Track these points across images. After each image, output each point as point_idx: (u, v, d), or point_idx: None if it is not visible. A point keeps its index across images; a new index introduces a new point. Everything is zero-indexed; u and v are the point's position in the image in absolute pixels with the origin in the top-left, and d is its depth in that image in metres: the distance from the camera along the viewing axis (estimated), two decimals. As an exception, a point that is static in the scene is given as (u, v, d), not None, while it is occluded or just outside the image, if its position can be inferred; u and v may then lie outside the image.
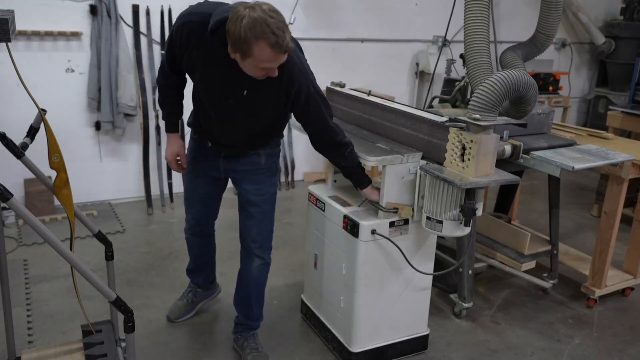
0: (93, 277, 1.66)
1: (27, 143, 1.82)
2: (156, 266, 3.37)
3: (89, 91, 3.99)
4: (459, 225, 2.15)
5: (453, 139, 2.15)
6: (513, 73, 2.20)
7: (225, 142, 2.28)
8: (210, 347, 2.62)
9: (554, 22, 3.06)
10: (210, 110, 2.17)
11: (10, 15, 1.49)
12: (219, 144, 2.30)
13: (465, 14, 2.84)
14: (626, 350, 2.76)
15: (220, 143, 2.29)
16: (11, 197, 1.51)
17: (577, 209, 4.70)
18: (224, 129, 2.22)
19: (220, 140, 2.28)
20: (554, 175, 2.63)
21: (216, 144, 2.31)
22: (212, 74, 2.04)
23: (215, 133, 2.27)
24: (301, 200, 4.56)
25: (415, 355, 2.61)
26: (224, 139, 2.27)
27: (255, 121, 2.18)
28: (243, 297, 2.52)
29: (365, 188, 2.32)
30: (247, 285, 2.48)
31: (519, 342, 2.79)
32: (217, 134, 2.26)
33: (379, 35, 5.12)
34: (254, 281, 2.47)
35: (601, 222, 3.06)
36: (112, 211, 4.18)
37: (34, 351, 1.94)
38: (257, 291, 2.50)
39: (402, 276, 2.43)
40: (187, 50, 2.02)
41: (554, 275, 3.22)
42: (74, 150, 4.04)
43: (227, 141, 2.27)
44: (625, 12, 6.23)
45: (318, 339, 2.71)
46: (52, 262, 3.30)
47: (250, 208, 2.36)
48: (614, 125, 4.28)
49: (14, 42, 3.72)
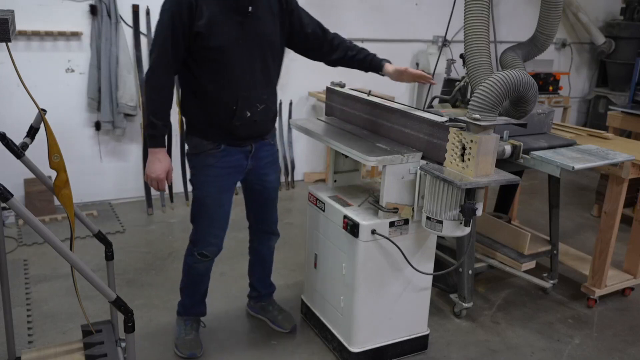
0: (93, 277, 1.66)
1: (27, 143, 1.82)
2: (156, 266, 3.37)
3: (89, 91, 3.99)
4: (459, 225, 2.14)
5: (453, 139, 2.15)
6: (513, 73, 2.20)
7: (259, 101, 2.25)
8: (210, 346, 2.61)
9: (554, 22, 3.06)
10: (232, 56, 2.15)
11: (10, 15, 1.49)
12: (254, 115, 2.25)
13: (465, 14, 2.83)
14: (626, 350, 2.76)
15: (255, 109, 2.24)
16: (11, 197, 1.51)
17: (577, 209, 4.70)
18: (251, 72, 2.21)
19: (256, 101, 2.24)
20: (554, 175, 2.63)
21: (252, 123, 2.26)
22: (225, 13, 2.11)
23: (251, 94, 2.22)
24: (301, 200, 4.56)
25: (415, 355, 2.61)
26: (259, 93, 2.25)
27: (269, 46, 2.25)
28: (264, 273, 2.78)
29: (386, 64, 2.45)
30: (268, 261, 2.77)
31: (519, 342, 2.79)
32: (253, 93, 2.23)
33: (379, 35, 5.12)
34: (271, 256, 2.77)
35: (601, 222, 3.06)
36: (112, 211, 4.18)
37: (34, 351, 1.94)
38: (272, 261, 2.80)
39: (402, 276, 2.43)
40: (197, 8, 2.05)
41: (554, 275, 3.22)
42: (74, 150, 4.04)
43: (261, 96, 2.26)
44: (625, 12, 6.23)
45: (318, 339, 2.71)
46: (52, 262, 3.30)
47: (272, 195, 2.57)
48: (614, 125, 4.28)
49: (14, 42, 3.72)
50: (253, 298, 2.86)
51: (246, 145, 2.35)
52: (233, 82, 2.19)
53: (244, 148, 2.35)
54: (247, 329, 2.78)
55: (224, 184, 2.36)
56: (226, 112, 2.22)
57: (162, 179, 2.23)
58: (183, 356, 2.51)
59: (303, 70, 4.81)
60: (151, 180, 2.23)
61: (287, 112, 4.86)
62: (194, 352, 2.52)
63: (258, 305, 2.85)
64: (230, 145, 2.30)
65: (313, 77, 4.77)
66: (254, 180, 2.49)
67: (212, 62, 2.15)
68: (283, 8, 2.30)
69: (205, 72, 2.17)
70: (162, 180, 2.23)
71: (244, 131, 2.28)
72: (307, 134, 2.60)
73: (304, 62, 5.15)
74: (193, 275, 2.55)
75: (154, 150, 2.21)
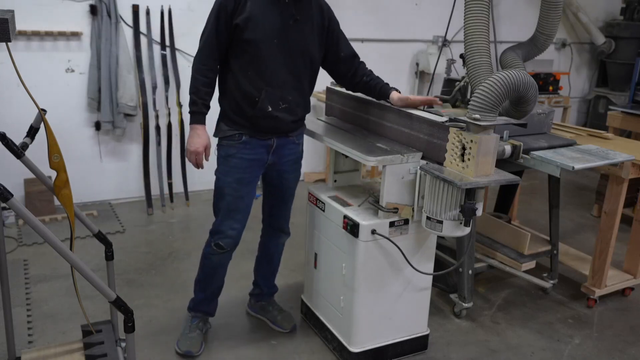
0: (93, 277, 1.66)
1: (27, 143, 1.82)
2: (156, 266, 3.37)
3: (89, 91, 3.99)
4: (459, 225, 2.14)
5: (453, 139, 2.15)
6: (513, 73, 2.20)
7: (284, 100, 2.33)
8: (210, 346, 2.61)
9: (554, 22, 3.06)
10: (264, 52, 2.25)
11: (10, 15, 1.49)
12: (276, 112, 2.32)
13: (465, 14, 2.83)
14: (626, 350, 2.76)
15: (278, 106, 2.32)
16: (11, 197, 1.51)
17: (577, 209, 4.70)
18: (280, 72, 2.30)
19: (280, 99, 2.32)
20: (554, 175, 2.63)
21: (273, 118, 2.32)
22: (267, 14, 2.24)
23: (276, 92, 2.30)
24: (301, 200, 4.55)
25: (415, 355, 2.61)
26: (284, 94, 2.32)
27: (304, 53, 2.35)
28: (269, 271, 2.80)
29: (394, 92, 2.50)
30: (274, 260, 2.78)
31: (519, 342, 2.79)
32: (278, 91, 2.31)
33: (379, 35, 5.12)
34: (279, 255, 2.80)
35: (601, 222, 3.06)
36: (112, 211, 4.18)
37: (34, 351, 1.94)
38: (279, 262, 2.82)
39: (402, 276, 2.43)
40: (241, 3, 2.21)
41: (554, 275, 3.22)
42: (74, 150, 4.04)
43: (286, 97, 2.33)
44: (625, 12, 6.23)
45: (318, 339, 2.71)
46: (52, 262, 3.30)
47: (287, 193, 2.61)
48: (614, 125, 4.28)
49: (14, 42, 3.72)
50: (254, 296, 2.86)
51: (268, 139, 2.39)
52: (260, 76, 2.28)
53: (265, 142, 2.39)
54: (247, 329, 2.78)
55: (244, 176, 2.41)
56: (249, 102, 2.31)
57: (201, 152, 2.34)
58: (179, 352, 2.54)
59: (303, 70, 4.81)
60: (190, 153, 2.35)
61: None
62: (190, 351, 2.52)
63: (258, 304, 2.85)
64: (251, 137, 2.37)
65: (313, 77, 4.77)
66: (274, 175, 2.53)
67: (245, 54, 2.27)
68: (324, 25, 2.41)
69: (238, 63, 2.30)
70: (200, 154, 2.34)
71: (264, 124, 2.35)
72: (307, 134, 2.60)
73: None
74: (207, 267, 2.57)
75: (194, 127, 2.34)
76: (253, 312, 2.87)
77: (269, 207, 2.67)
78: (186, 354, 2.52)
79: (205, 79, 2.31)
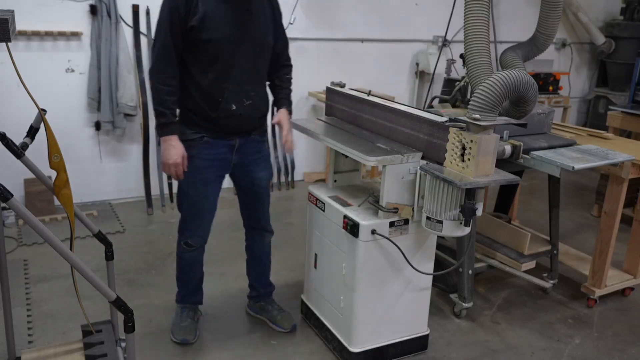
0: (93, 277, 1.66)
1: (27, 143, 1.82)
2: (156, 266, 3.37)
3: (89, 91, 3.99)
4: (459, 225, 2.14)
5: (453, 139, 2.15)
6: (513, 73, 2.20)
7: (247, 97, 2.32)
8: (210, 346, 2.61)
9: (554, 22, 3.06)
10: (223, 50, 2.23)
11: (10, 15, 1.49)
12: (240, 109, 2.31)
13: (465, 14, 2.83)
14: (626, 350, 2.76)
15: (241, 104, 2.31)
16: (11, 197, 1.51)
17: (577, 209, 4.70)
18: (242, 68, 2.29)
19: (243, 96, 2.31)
20: (554, 175, 2.63)
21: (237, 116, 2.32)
22: (221, 10, 2.21)
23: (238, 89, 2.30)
24: (301, 200, 4.56)
25: (415, 355, 2.61)
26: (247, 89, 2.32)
27: (263, 42, 2.35)
28: (260, 272, 2.80)
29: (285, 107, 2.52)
30: (263, 260, 2.78)
31: (519, 342, 2.79)
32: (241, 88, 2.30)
33: (379, 35, 5.12)
34: (267, 254, 2.79)
35: (601, 222, 3.06)
36: (112, 211, 4.18)
37: (34, 351, 1.94)
38: (269, 260, 2.82)
39: (402, 276, 2.43)
40: (193, 5, 2.17)
41: (554, 275, 3.22)
42: (74, 150, 4.04)
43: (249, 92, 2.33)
44: (625, 12, 6.23)
45: (318, 339, 2.71)
46: (52, 262, 3.30)
47: (263, 193, 2.60)
48: (614, 125, 4.28)
49: (14, 42, 3.72)
50: (252, 298, 2.87)
51: (230, 139, 2.39)
52: (221, 75, 2.27)
53: (227, 142, 2.39)
54: (247, 329, 2.78)
55: (208, 176, 2.41)
56: (212, 103, 2.30)
57: (180, 163, 2.29)
58: (176, 341, 2.60)
59: (303, 70, 4.81)
60: (169, 166, 2.29)
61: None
62: (186, 338, 2.60)
63: (257, 305, 2.85)
64: (213, 138, 2.35)
65: (313, 77, 4.78)
66: (241, 176, 2.53)
67: (204, 54, 2.24)
68: (274, 14, 2.43)
69: (197, 64, 2.27)
70: (180, 164, 2.30)
71: (228, 124, 2.34)
72: (307, 134, 2.60)
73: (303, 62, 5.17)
74: (183, 265, 2.64)
75: (166, 138, 2.29)
76: (253, 312, 2.88)
77: (247, 209, 2.66)
78: (182, 342, 2.60)
79: (169, 88, 2.26)
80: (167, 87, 2.25)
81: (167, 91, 2.26)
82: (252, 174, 2.53)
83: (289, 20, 4.59)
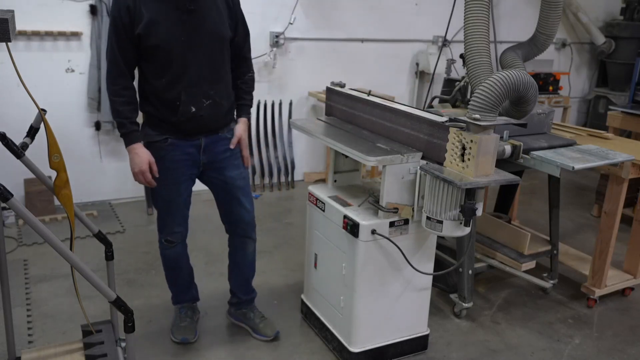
0: (93, 277, 1.66)
1: (27, 143, 1.82)
2: (156, 266, 3.37)
3: (89, 91, 3.99)
4: (459, 225, 2.14)
5: (453, 139, 2.15)
6: (513, 73, 2.20)
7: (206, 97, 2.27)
8: (210, 346, 2.61)
9: (554, 22, 3.06)
10: (173, 53, 2.18)
11: (10, 15, 1.49)
12: (200, 111, 2.27)
13: (465, 14, 2.83)
14: (626, 350, 2.76)
15: (201, 104, 2.26)
16: (11, 197, 1.51)
17: (577, 209, 4.70)
18: (196, 68, 2.23)
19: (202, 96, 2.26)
20: (554, 175, 2.63)
21: (198, 117, 2.27)
22: (165, 13, 2.15)
23: (196, 90, 2.25)
24: (301, 200, 4.56)
25: (415, 355, 2.61)
26: (205, 89, 2.26)
27: (217, 37, 2.26)
28: (243, 279, 2.71)
29: (244, 118, 2.47)
30: (246, 268, 2.69)
31: (519, 342, 2.79)
32: (198, 89, 2.25)
33: (379, 35, 5.12)
34: (250, 263, 2.68)
35: (601, 222, 3.06)
36: (112, 211, 4.18)
37: (34, 351, 1.94)
38: (252, 268, 2.72)
39: (402, 276, 2.43)
40: (135, 12, 2.11)
41: (554, 275, 3.22)
42: (74, 150, 4.04)
43: (208, 92, 2.27)
44: (625, 12, 6.23)
45: (318, 339, 2.71)
46: (52, 262, 3.30)
47: (239, 194, 2.47)
48: (614, 125, 4.28)
49: (14, 42, 3.72)
50: (233, 305, 2.78)
51: (195, 139, 2.34)
52: (175, 79, 2.22)
53: (193, 142, 2.34)
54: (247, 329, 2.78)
55: (178, 176, 2.37)
56: (170, 107, 2.26)
57: (145, 170, 2.26)
58: (176, 340, 2.61)
59: (303, 70, 4.82)
60: (135, 175, 2.27)
61: (287, 112, 4.86)
62: (186, 337, 2.60)
63: (239, 312, 2.76)
64: (177, 139, 2.31)
65: (313, 77, 4.78)
66: (212, 175, 2.46)
67: (155, 59, 2.20)
68: (230, 5, 2.32)
69: (150, 69, 2.23)
70: (146, 171, 2.26)
71: (190, 126, 2.30)
72: (307, 134, 2.60)
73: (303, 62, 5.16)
74: (168, 262, 2.62)
75: (129, 148, 2.26)
76: (234, 320, 2.78)
77: (223, 212, 2.57)
78: (182, 342, 2.60)
79: (123, 99, 2.22)
80: (121, 97, 2.22)
81: (121, 102, 2.22)
82: (223, 171, 2.44)
83: (289, 20, 4.60)
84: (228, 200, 2.50)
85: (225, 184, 2.46)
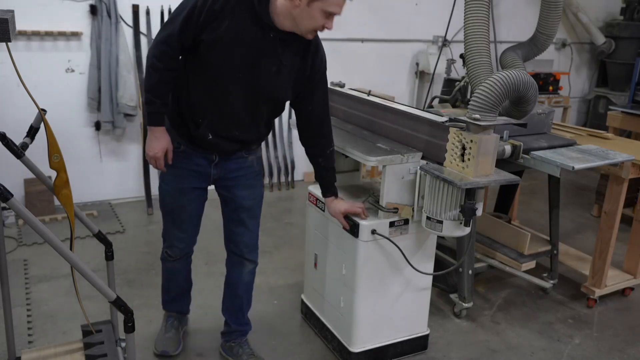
0: (93, 277, 1.66)
1: (27, 143, 1.82)
2: (156, 266, 3.36)
3: (89, 91, 3.99)
4: (459, 225, 2.15)
5: (453, 139, 2.15)
6: (513, 73, 2.20)
7: (229, 134, 2.13)
8: (210, 346, 2.61)
9: (554, 22, 3.07)
10: (221, 82, 2.01)
11: (10, 15, 1.49)
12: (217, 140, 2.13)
13: (465, 14, 2.84)
14: (626, 350, 2.76)
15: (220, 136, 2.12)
16: (11, 197, 1.51)
17: (577, 209, 4.70)
18: (238, 109, 2.07)
19: (225, 133, 2.12)
20: (554, 175, 2.63)
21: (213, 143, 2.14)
22: (242, 45, 1.95)
23: (222, 124, 2.10)
24: (301, 200, 4.56)
25: (415, 355, 2.61)
26: (231, 128, 2.11)
27: (270, 100, 2.12)
28: (234, 304, 2.51)
29: (330, 196, 2.31)
30: (238, 291, 2.48)
31: (519, 342, 2.79)
32: (225, 125, 2.10)
33: (379, 35, 5.12)
34: (245, 286, 2.48)
35: (601, 222, 3.06)
36: (112, 211, 4.18)
37: (34, 351, 1.94)
38: (248, 295, 2.51)
39: (402, 276, 2.43)
40: (215, 20, 1.90)
41: (554, 275, 3.22)
42: (74, 150, 4.04)
43: (233, 132, 2.12)
44: (625, 12, 6.23)
45: (318, 339, 2.71)
46: (52, 262, 3.30)
47: (243, 214, 2.32)
48: (614, 125, 4.28)
49: (14, 42, 3.72)
50: (224, 335, 2.56)
51: (209, 153, 2.20)
52: (212, 102, 2.07)
53: (206, 154, 2.20)
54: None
55: (185, 186, 2.25)
56: (193, 122, 2.12)
57: (160, 157, 2.12)
58: (156, 352, 2.51)
59: (303, 70, 4.81)
60: (149, 158, 2.14)
61: (287, 112, 4.86)
62: (166, 350, 2.50)
63: (227, 345, 2.53)
64: (190, 148, 2.19)
65: (313, 77, 4.77)
66: (222, 190, 2.32)
67: (203, 73, 2.04)
68: (306, 74, 2.11)
69: (194, 78, 2.06)
70: (160, 158, 2.13)
71: (205, 145, 2.17)
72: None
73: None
74: (166, 272, 2.55)
75: (151, 129, 2.11)
76: (224, 353, 2.55)
77: (227, 231, 2.40)
78: (162, 354, 2.50)
79: (161, 77, 2.03)
80: (160, 76, 2.03)
81: (159, 79, 2.03)
82: (232, 189, 2.28)
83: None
84: (233, 220, 2.35)
85: (232, 202, 2.31)
